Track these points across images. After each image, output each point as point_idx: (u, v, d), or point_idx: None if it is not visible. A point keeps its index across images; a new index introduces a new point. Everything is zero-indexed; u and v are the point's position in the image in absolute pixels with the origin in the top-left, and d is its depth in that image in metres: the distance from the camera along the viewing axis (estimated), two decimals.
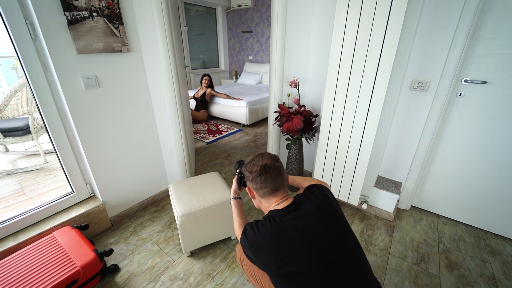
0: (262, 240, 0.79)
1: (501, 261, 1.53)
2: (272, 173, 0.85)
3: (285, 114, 1.87)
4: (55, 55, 1.25)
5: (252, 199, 0.95)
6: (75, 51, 1.31)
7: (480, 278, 1.42)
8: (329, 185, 1.92)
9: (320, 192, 0.88)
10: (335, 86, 1.62)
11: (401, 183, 1.92)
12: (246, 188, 0.95)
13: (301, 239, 0.75)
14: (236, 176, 1.11)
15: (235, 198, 1.09)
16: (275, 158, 0.90)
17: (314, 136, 1.99)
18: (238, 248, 1.18)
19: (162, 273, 1.42)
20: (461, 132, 1.63)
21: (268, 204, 0.88)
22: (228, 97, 3.99)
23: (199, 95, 4.12)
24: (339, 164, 1.79)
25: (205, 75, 4.21)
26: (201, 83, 4.21)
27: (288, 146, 2.01)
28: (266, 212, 0.89)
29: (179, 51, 1.96)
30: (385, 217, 1.87)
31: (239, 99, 3.88)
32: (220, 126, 3.98)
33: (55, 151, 1.48)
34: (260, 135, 3.61)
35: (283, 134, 1.99)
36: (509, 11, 1.31)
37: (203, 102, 4.13)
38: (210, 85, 4.21)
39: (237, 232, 0.99)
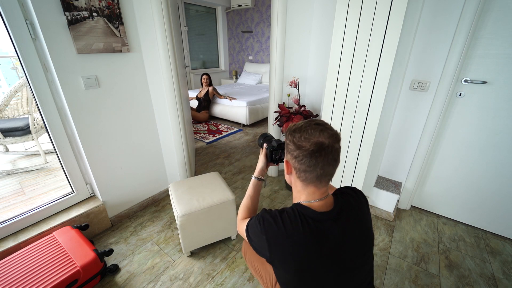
0: (288, 240, 0.65)
1: (501, 261, 1.53)
2: (327, 158, 0.64)
3: (285, 114, 1.87)
4: (55, 55, 1.25)
5: (286, 174, 0.77)
6: (75, 51, 1.31)
7: (480, 278, 1.42)
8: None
9: (360, 205, 0.74)
10: (335, 86, 1.62)
11: (401, 183, 1.93)
12: (284, 161, 0.74)
13: (330, 253, 0.65)
14: (264, 151, 0.97)
15: (258, 178, 0.94)
16: (336, 137, 0.66)
17: None
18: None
19: (162, 273, 1.42)
20: (461, 132, 1.63)
21: (303, 192, 0.71)
22: (224, 96, 4.00)
23: (202, 94, 4.12)
24: (339, 164, 1.79)
25: (203, 74, 4.22)
26: (201, 83, 4.22)
27: None
28: (295, 197, 0.74)
29: (179, 51, 1.96)
30: (385, 217, 1.87)
31: (234, 98, 3.91)
32: (220, 126, 3.98)
33: (55, 151, 1.48)
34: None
35: (283, 134, 1.99)
36: (509, 11, 1.31)
37: (207, 102, 4.12)
38: (210, 83, 4.21)
39: (241, 213, 0.88)
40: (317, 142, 0.63)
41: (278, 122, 1.94)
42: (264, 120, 4.25)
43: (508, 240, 1.69)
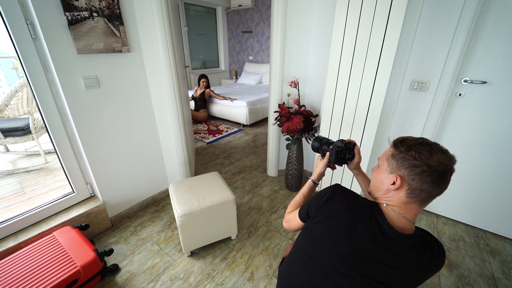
0: (352, 216, 0.66)
1: (500, 261, 1.53)
2: (446, 183, 0.62)
3: (285, 114, 1.88)
4: (55, 55, 1.25)
5: (377, 174, 0.73)
6: (75, 51, 1.31)
7: (480, 278, 1.42)
8: (330, 185, 1.92)
9: (432, 263, 0.66)
10: (335, 86, 1.63)
11: None
12: (395, 176, 0.65)
13: (367, 259, 0.65)
14: (326, 154, 0.94)
15: (315, 182, 0.96)
16: (454, 161, 0.63)
17: (314, 136, 1.99)
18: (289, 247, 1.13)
19: (162, 273, 1.42)
20: (461, 132, 1.63)
21: (395, 200, 0.66)
22: (224, 97, 4.00)
23: (198, 94, 4.12)
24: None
25: (202, 76, 4.19)
26: (199, 84, 4.22)
27: (288, 146, 2.02)
28: (376, 193, 0.73)
29: (179, 51, 1.96)
30: None
31: (234, 99, 3.91)
32: (220, 126, 3.98)
33: (56, 151, 1.48)
34: (260, 135, 3.61)
35: (283, 134, 1.99)
36: (508, 11, 1.31)
37: (203, 101, 4.13)
38: (208, 86, 4.22)
39: (291, 206, 0.94)
40: (446, 165, 0.60)
41: (278, 122, 1.95)
42: (264, 120, 4.25)
43: (508, 240, 1.69)
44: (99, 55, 1.41)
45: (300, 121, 1.80)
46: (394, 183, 0.65)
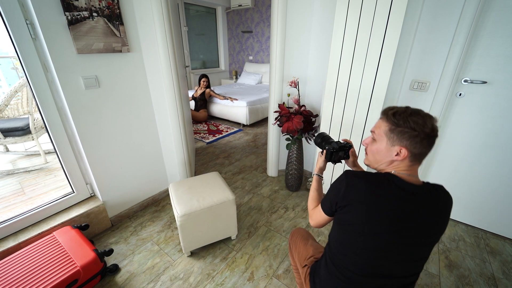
0: (379, 190, 0.70)
1: (500, 261, 1.53)
2: (433, 141, 0.71)
3: (285, 114, 1.88)
4: (55, 55, 1.25)
5: (377, 148, 0.78)
6: (75, 51, 1.31)
7: (480, 278, 1.42)
8: (329, 185, 1.93)
9: (447, 200, 0.75)
10: (335, 86, 1.63)
11: None
12: (398, 148, 0.72)
13: (403, 219, 0.69)
14: (324, 151, 1.03)
15: (319, 175, 1.04)
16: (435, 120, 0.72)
17: (314, 136, 1.99)
18: (294, 232, 1.20)
19: (162, 273, 1.42)
20: (461, 132, 1.63)
21: (399, 165, 0.75)
22: (225, 97, 4.00)
23: (198, 94, 4.13)
24: (339, 164, 1.80)
25: (203, 76, 4.20)
26: (199, 83, 4.22)
27: (288, 146, 2.02)
28: (379, 166, 0.79)
29: (179, 51, 1.96)
30: None
31: (235, 99, 3.90)
32: (220, 126, 3.98)
33: (55, 151, 1.48)
34: (260, 135, 3.61)
35: (283, 134, 1.99)
36: (508, 11, 1.31)
37: (203, 101, 4.13)
38: (208, 86, 4.22)
39: (311, 204, 0.97)
40: (433, 127, 0.70)
41: (278, 122, 1.94)
42: (264, 120, 4.25)
43: (508, 240, 1.69)
44: (99, 55, 1.41)
45: (300, 121, 1.79)
46: (398, 154, 0.73)
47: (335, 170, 1.90)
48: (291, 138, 2.00)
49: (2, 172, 2.19)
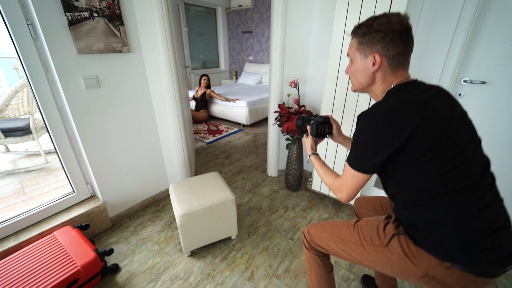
0: (417, 108, 0.63)
1: None
2: (410, 35, 0.68)
3: (285, 114, 1.88)
4: (56, 55, 1.26)
5: (355, 67, 0.75)
6: (75, 51, 1.31)
7: None
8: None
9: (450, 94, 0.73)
10: (335, 86, 1.63)
11: None
12: (371, 57, 0.70)
13: (448, 120, 0.65)
14: (309, 130, 1.02)
15: (314, 153, 0.99)
16: (405, 16, 0.68)
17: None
18: (309, 229, 1.03)
19: (162, 272, 1.43)
20: None
21: (392, 79, 0.72)
22: (226, 99, 4.01)
23: (199, 95, 4.13)
24: (339, 164, 1.80)
25: (204, 75, 4.22)
26: (200, 83, 4.23)
27: (288, 146, 2.02)
28: (380, 92, 0.75)
29: (179, 51, 1.97)
30: None
31: (236, 99, 3.91)
32: (220, 126, 3.99)
33: (56, 151, 1.48)
34: (260, 135, 3.61)
35: (283, 134, 1.99)
36: (508, 12, 1.31)
37: (203, 102, 4.14)
38: (209, 86, 4.23)
39: (328, 178, 0.85)
40: (406, 22, 0.66)
41: (278, 122, 1.95)
42: (264, 120, 4.25)
43: None
44: (100, 55, 1.42)
45: None
46: (374, 63, 0.70)
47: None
48: (291, 138, 2.00)
49: (3, 172, 2.20)
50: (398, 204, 0.77)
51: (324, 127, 1.01)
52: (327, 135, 1.05)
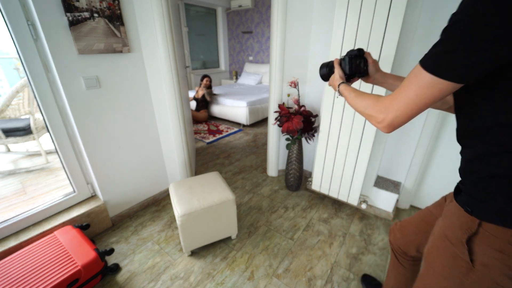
0: None
1: None
2: None
3: (285, 114, 1.88)
4: (56, 55, 1.26)
5: None
6: (76, 52, 1.31)
7: None
8: (329, 184, 1.93)
9: None
10: None
11: (400, 182, 1.93)
12: None
13: None
14: (337, 70, 0.84)
15: (343, 82, 0.79)
16: None
17: (314, 136, 1.99)
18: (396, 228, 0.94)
19: (162, 272, 1.43)
20: None
21: None
22: (210, 94, 4.18)
23: (200, 95, 4.14)
24: (339, 164, 1.80)
25: (206, 76, 4.24)
26: (200, 84, 4.24)
27: (288, 146, 2.02)
28: None
29: (180, 52, 1.97)
30: (384, 216, 1.87)
31: (214, 94, 4.16)
32: (220, 126, 3.99)
33: (56, 151, 1.49)
34: (260, 135, 3.61)
35: (283, 134, 2.00)
36: None
37: (204, 102, 4.15)
38: (210, 87, 4.24)
39: (369, 101, 0.62)
40: None
41: (278, 122, 1.95)
42: (264, 120, 4.26)
43: None
44: (100, 56, 1.42)
45: (300, 121, 1.80)
46: None
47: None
48: (291, 138, 2.00)
49: (3, 172, 2.20)
50: (479, 175, 0.53)
51: (359, 61, 0.82)
52: (362, 74, 0.84)
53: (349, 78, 0.84)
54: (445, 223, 0.63)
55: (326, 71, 0.91)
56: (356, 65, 0.81)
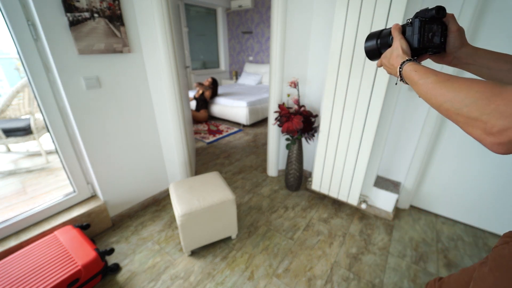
0: None
1: None
2: None
3: (285, 114, 1.88)
4: (56, 55, 1.26)
5: None
6: (76, 52, 1.32)
7: None
8: (329, 184, 1.94)
9: None
10: (335, 86, 1.63)
11: (400, 182, 1.93)
12: None
13: None
14: (398, 41, 0.55)
15: (409, 59, 0.52)
16: None
17: (314, 136, 1.99)
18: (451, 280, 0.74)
19: (163, 272, 1.43)
20: (460, 132, 1.64)
21: None
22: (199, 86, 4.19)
23: (199, 94, 4.15)
24: (339, 164, 1.80)
25: (210, 78, 4.31)
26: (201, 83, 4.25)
27: (288, 146, 2.02)
28: None
29: (180, 52, 1.97)
30: (384, 216, 1.88)
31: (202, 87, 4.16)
32: (220, 126, 3.99)
33: (57, 151, 1.49)
34: (260, 135, 3.62)
35: (283, 134, 2.00)
36: (506, 12, 1.31)
37: (204, 102, 4.15)
38: (210, 87, 4.24)
39: (472, 89, 0.39)
40: None
41: (278, 122, 1.95)
42: (264, 120, 4.26)
43: None
44: (100, 56, 1.42)
45: (299, 121, 1.80)
46: None
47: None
48: (291, 138, 2.01)
49: (4, 172, 2.21)
50: None
51: (436, 27, 0.53)
52: (437, 50, 0.55)
53: (415, 54, 0.55)
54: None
55: (375, 44, 0.58)
56: (433, 34, 0.51)
